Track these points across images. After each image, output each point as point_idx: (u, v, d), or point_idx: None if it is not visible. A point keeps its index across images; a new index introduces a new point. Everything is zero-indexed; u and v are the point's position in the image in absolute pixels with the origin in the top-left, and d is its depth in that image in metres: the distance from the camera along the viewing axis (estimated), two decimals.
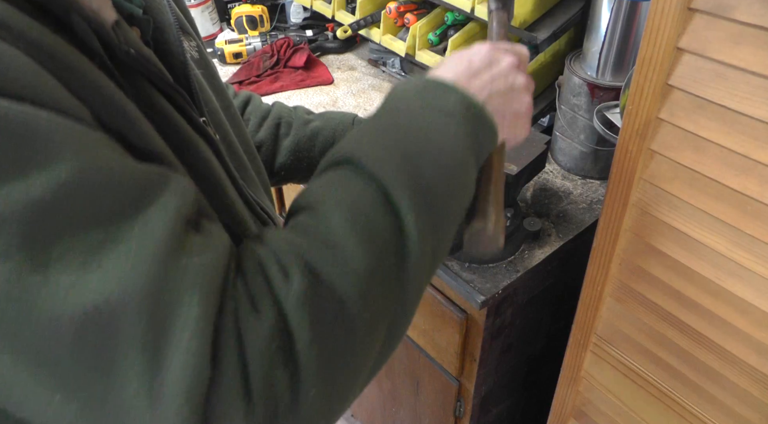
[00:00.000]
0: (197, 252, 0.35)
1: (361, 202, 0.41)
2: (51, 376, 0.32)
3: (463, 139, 0.47)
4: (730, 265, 0.66)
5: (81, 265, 0.32)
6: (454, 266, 1.00)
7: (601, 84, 1.07)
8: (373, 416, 1.68)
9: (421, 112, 0.48)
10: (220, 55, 1.59)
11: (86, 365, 0.32)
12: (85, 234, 0.32)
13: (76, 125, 0.34)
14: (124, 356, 0.32)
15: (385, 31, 1.43)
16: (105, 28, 0.42)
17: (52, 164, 0.32)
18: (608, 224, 0.77)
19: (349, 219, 0.40)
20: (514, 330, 1.13)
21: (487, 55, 0.56)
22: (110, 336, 0.32)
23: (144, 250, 0.33)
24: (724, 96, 0.59)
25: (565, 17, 1.17)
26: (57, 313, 0.31)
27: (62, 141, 0.33)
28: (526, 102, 0.57)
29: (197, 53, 0.65)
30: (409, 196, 0.42)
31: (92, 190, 0.33)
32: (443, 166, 0.45)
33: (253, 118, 0.85)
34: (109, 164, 0.34)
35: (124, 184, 0.34)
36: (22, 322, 0.31)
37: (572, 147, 1.17)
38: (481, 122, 0.50)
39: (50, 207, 0.31)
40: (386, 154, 0.43)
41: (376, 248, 0.40)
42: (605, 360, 0.89)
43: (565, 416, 1.03)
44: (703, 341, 0.72)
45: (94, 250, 0.32)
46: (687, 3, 0.58)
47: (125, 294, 0.32)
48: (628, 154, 0.70)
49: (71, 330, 0.31)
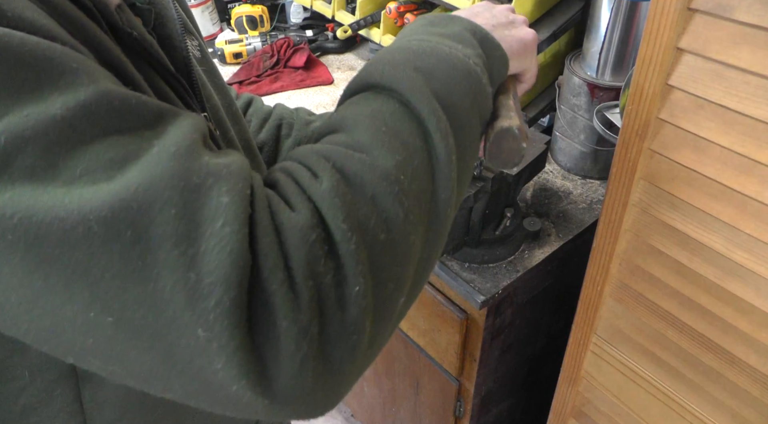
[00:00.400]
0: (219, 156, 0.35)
1: (383, 112, 0.42)
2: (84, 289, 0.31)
3: (472, 56, 0.49)
4: (730, 265, 0.66)
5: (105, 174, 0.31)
6: (454, 266, 1.00)
7: (601, 84, 1.07)
8: (373, 416, 1.68)
9: (428, 37, 0.49)
10: (220, 55, 1.59)
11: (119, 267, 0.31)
12: (107, 148, 0.32)
13: (88, 59, 0.34)
14: (156, 250, 0.31)
15: (385, 31, 1.43)
16: (109, 8, 0.43)
17: (71, 87, 0.32)
18: (608, 224, 0.77)
19: (372, 126, 0.40)
20: (514, 330, 1.13)
21: (484, 4, 0.59)
22: (140, 231, 0.30)
23: (166, 152, 0.32)
24: (724, 96, 0.59)
25: (565, 17, 1.17)
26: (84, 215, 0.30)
27: (78, 68, 0.33)
28: (530, 32, 0.59)
29: (199, 52, 0.65)
30: (428, 102, 0.42)
31: (111, 110, 0.33)
32: (456, 76, 0.46)
33: (254, 120, 0.85)
34: (125, 91, 0.34)
35: (141, 106, 0.34)
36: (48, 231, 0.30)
37: (572, 147, 1.17)
38: (488, 41, 0.52)
39: (71, 124, 0.31)
40: (401, 71, 0.44)
41: (402, 149, 0.40)
42: (605, 360, 0.89)
43: (565, 416, 1.03)
44: (703, 341, 0.72)
45: (118, 161, 0.32)
46: (687, 3, 0.58)
47: (151, 189, 0.31)
48: (628, 154, 0.70)
49: (101, 230, 0.30)
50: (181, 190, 0.31)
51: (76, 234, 0.30)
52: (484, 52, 0.51)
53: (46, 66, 0.32)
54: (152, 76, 0.47)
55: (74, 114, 0.31)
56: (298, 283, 0.33)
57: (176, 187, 0.31)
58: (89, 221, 0.30)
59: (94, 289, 0.31)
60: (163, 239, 0.31)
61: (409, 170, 0.39)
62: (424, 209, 0.41)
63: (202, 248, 0.31)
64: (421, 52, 0.47)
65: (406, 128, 0.41)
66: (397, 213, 0.38)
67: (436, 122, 0.42)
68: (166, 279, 0.31)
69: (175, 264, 0.31)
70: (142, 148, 0.33)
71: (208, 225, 0.31)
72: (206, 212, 0.32)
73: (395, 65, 0.45)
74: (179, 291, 0.31)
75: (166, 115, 0.35)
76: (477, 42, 0.51)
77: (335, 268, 0.35)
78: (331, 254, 0.35)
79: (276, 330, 0.32)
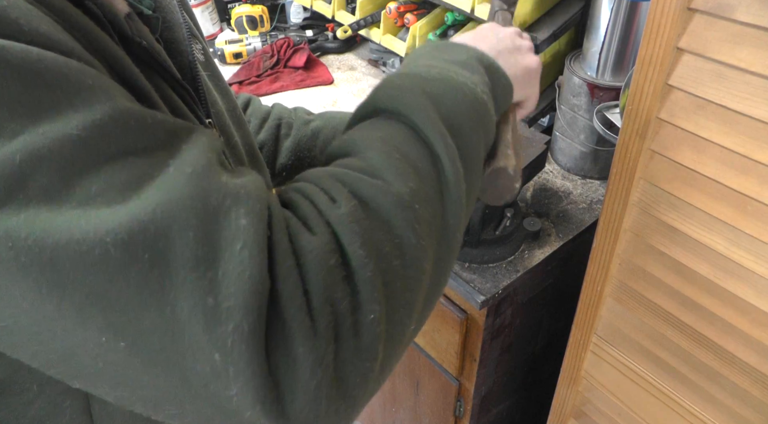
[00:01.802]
0: (236, 176, 0.34)
1: (394, 137, 0.42)
2: (98, 313, 0.30)
3: (479, 84, 0.49)
4: (730, 265, 0.66)
5: (121, 196, 0.31)
6: (454, 266, 1.00)
7: (601, 84, 1.07)
8: (373, 416, 1.68)
9: (436, 63, 0.50)
10: (220, 55, 1.59)
11: (135, 291, 0.30)
12: (123, 169, 0.31)
13: (104, 76, 0.34)
14: (174, 274, 0.30)
15: (385, 31, 1.43)
16: (118, 17, 0.43)
17: (86, 105, 0.31)
18: (608, 224, 0.77)
19: (384, 151, 0.40)
20: (513, 330, 1.13)
21: (488, 28, 0.60)
22: (158, 254, 0.30)
23: (183, 174, 0.32)
24: (723, 96, 0.59)
25: (565, 17, 1.17)
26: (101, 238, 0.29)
27: (93, 85, 0.32)
28: (535, 59, 0.59)
29: (203, 56, 0.65)
30: (437, 128, 0.43)
31: (127, 129, 0.32)
32: (464, 103, 0.46)
33: (253, 120, 0.85)
34: (139, 109, 0.34)
35: (156, 125, 0.34)
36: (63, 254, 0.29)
37: (572, 147, 1.17)
38: (494, 70, 0.53)
39: (87, 143, 0.31)
40: (410, 96, 0.44)
41: (414, 175, 0.40)
42: (605, 360, 0.89)
43: (565, 416, 1.03)
44: (703, 341, 0.72)
45: (134, 182, 0.31)
46: (687, 3, 0.58)
47: (169, 211, 0.30)
48: (628, 154, 0.70)
49: (118, 253, 0.29)
50: (199, 212, 0.31)
51: (92, 257, 0.29)
52: (491, 80, 0.51)
53: (62, 83, 0.31)
54: (160, 84, 0.47)
55: (90, 134, 0.31)
56: (315, 309, 0.33)
57: (194, 209, 0.31)
58: (106, 244, 0.29)
59: (108, 313, 0.30)
60: (182, 262, 0.30)
61: (422, 196, 0.40)
62: (434, 235, 0.41)
63: (221, 272, 0.30)
64: (429, 78, 0.47)
65: (416, 153, 0.42)
66: (410, 239, 0.38)
67: (444, 148, 0.42)
68: (184, 303, 0.30)
69: (193, 288, 0.30)
70: (158, 169, 0.32)
71: (226, 248, 0.31)
72: (225, 235, 0.31)
73: (404, 90, 0.45)
74: (197, 315, 0.30)
75: (181, 133, 0.35)
76: (484, 69, 0.51)
77: (351, 294, 0.34)
78: (347, 280, 0.35)
79: (292, 356, 0.32)
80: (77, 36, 0.36)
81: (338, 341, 0.34)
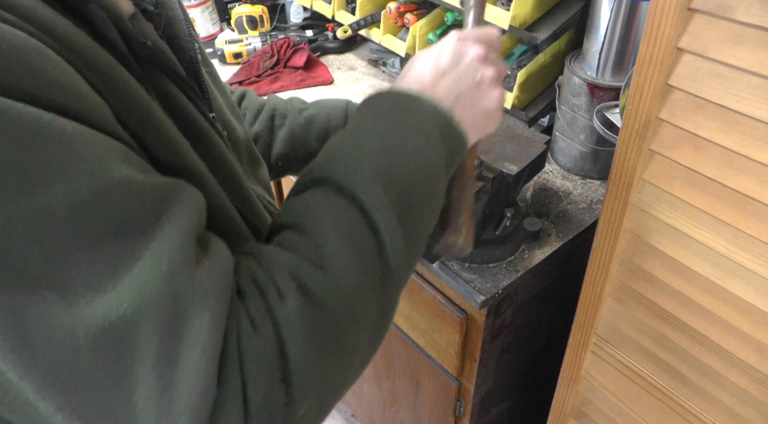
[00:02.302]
0: (207, 271, 0.36)
1: (343, 223, 0.43)
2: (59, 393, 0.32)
3: (436, 157, 0.49)
4: (730, 265, 0.66)
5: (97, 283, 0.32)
6: (454, 266, 1.00)
7: (601, 84, 1.07)
8: (373, 416, 1.68)
9: (393, 128, 0.49)
10: (220, 55, 1.59)
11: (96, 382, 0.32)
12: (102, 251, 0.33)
13: (97, 135, 0.35)
14: (135, 371, 0.33)
15: (385, 31, 1.43)
16: (123, 19, 0.43)
17: (73, 177, 0.32)
18: (608, 224, 0.77)
19: (334, 240, 0.42)
20: (513, 330, 1.13)
21: (453, 50, 0.55)
22: (124, 352, 0.32)
23: (158, 269, 0.34)
24: (723, 96, 0.59)
25: (565, 17, 1.17)
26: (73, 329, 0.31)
27: (84, 153, 0.33)
28: (496, 96, 0.56)
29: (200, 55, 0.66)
30: (386, 214, 0.44)
31: (110, 207, 0.34)
32: (417, 181, 0.47)
33: (248, 113, 0.86)
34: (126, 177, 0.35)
35: (139, 199, 0.35)
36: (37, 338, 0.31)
37: (572, 147, 1.17)
38: (452, 135, 0.52)
39: (68, 224, 0.32)
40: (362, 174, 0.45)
41: (361, 267, 0.42)
42: (605, 360, 0.89)
43: (565, 416, 1.03)
44: (703, 341, 0.72)
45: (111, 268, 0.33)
46: (687, 3, 0.58)
47: (140, 312, 0.33)
48: (628, 154, 0.70)
49: (87, 346, 0.32)
50: (166, 315, 0.33)
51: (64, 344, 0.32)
52: (446, 144, 0.51)
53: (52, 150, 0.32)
54: (165, 84, 0.47)
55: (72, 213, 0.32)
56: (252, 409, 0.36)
57: (162, 312, 0.33)
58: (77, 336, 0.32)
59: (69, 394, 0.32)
60: (146, 358, 0.33)
61: (366, 287, 0.42)
62: (373, 318, 0.44)
63: (178, 374, 0.33)
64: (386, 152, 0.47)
65: (363, 243, 0.43)
66: (351, 331, 0.41)
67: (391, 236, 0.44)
68: (141, 394, 0.33)
69: (151, 386, 0.33)
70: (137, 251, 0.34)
71: (187, 353, 0.34)
72: (187, 339, 0.34)
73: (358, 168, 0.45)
74: (151, 408, 0.33)
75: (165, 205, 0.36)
76: (442, 134, 0.50)
77: (286, 392, 0.37)
78: (285, 378, 0.37)
79: None
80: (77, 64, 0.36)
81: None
